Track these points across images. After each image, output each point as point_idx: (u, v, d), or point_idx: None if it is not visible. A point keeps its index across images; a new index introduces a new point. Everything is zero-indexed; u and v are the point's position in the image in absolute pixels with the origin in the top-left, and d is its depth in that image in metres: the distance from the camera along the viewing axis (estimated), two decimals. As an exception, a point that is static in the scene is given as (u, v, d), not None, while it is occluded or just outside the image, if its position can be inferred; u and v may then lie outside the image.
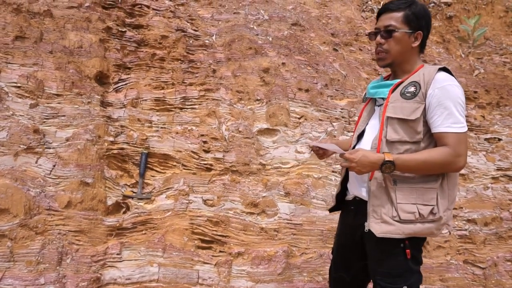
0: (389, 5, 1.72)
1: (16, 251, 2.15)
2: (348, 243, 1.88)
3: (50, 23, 2.96)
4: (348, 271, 1.90)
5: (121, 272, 2.33)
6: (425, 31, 1.70)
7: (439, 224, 1.62)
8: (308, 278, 2.58)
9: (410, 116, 1.60)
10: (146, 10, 3.48)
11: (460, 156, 1.56)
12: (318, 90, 3.48)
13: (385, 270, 1.66)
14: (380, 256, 1.67)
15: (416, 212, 1.59)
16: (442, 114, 1.57)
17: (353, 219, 1.79)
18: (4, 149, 2.35)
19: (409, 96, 1.63)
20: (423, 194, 1.60)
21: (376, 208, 1.63)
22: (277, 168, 2.99)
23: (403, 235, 1.60)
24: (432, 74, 1.61)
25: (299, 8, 4.39)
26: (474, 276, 2.97)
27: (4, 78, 2.58)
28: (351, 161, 1.60)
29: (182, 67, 3.25)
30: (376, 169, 1.60)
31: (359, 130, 1.81)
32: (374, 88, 1.79)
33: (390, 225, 1.60)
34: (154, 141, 2.82)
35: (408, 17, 1.66)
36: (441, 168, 1.59)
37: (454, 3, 5.44)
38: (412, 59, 1.72)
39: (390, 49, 1.69)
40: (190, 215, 2.60)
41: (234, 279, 2.48)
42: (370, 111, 1.80)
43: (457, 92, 1.59)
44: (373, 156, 1.58)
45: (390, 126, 1.63)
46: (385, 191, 1.63)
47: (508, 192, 3.45)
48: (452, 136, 1.56)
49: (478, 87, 4.20)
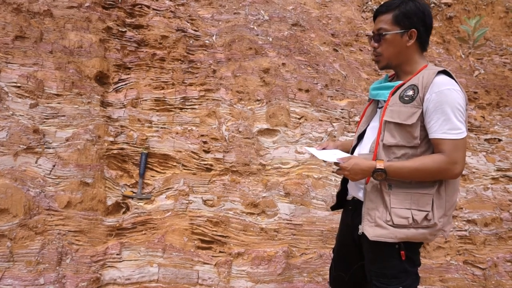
0: (380, 8, 1.71)
1: (15, 251, 2.15)
2: (347, 242, 1.90)
3: (50, 23, 2.96)
4: (347, 270, 1.92)
5: (121, 272, 2.33)
6: (421, 28, 1.64)
7: (433, 230, 1.60)
8: (308, 279, 2.58)
9: (407, 121, 1.57)
10: (146, 10, 3.48)
11: (455, 163, 1.53)
12: (318, 91, 3.48)
13: (380, 271, 1.67)
14: (375, 257, 1.69)
15: (409, 217, 1.58)
16: (438, 119, 1.53)
17: (351, 219, 1.82)
18: (4, 149, 2.35)
19: (407, 100, 1.60)
20: (418, 200, 1.59)
21: (371, 211, 1.64)
22: (277, 169, 2.99)
23: (396, 239, 1.60)
24: (431, 77, 1.57)
25: (299, 9, 4.39)
26: (474, 277, 2.97)
27: (4, 78, 2.58)
28: (344, 169, 1.62)
29: (182, 67, 3.24)
30: (368, 176, 1.61)
31: (359, 131, 1.81)
32: (376, 90, 1.78)
33: (383, 228, 1.60)
34: (154, 141, 2.82)
35: (397, 17, 1.64)
36: (436, 175, 1.57)
37: (454, 3, 5.44)
38: (411, 58, 1.68)
39: (383, 52, 1.68)
40: (190, 215, 2.60)
41: (234, 279, 2.48)
42: (372, 112, 1.80)
43: (456, 97, 1.54)
44: (364, 164, 1.59)
45: (387, 130, 1.62)
46: (380, 195, 1.63)
47: (508, 193, 3.45)
48: (448, 143, 1.53)
49: (478, 88, 4.20)
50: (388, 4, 1.68)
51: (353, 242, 1.81)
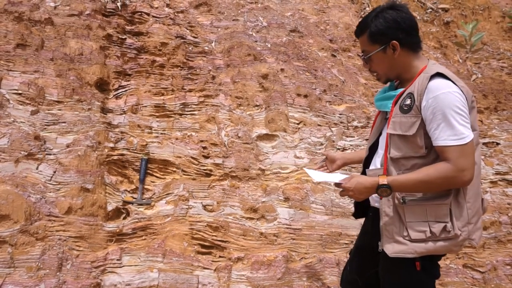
0: (356, 31, 1.70)
1: (16, 257, 2.16)
2: (365, 247, 1.86)
3: (51, 31, 3.00)
4: (362, 274, 1.88)
5: (121, 278, 2.34)
6: (401, 35, 1.57)
7: (456, 241, 1.52)
8: (307, 283, 2.59)
9: (408, 131, 1.52)
10: (146, 17, 3.51)
11: (463, 170, 1.43)
12: (316, 96, 3.51)
13: (395, 280, 1.64)
14: (390, 266, 1.64)
15: (427, 230, 1.51)
16: (439, 126, 1.45)
17: (371, 225, 1.78)
18: (5, 155, 2.37)
19: (405, 109, 1.54)
20: (434, 211, 1.51)
21: (388, 226, 1.59)
22: (276, 173, 3.01)
23: (416, 254, 1.53)
24: (425, 83, 1.50)
25: (297, 15, 4.43)
26: (474, 280, 2.97)
27: (5, 85, 2.61)
28: (347, 190, 1.57)
29: (181, 73, 3.27)
30: (373, 193, 1.56)
31: (370, 142, 1.78)
32: (379, 101, 1.74)
33: (402, 244, 1.55)
34: (154, 147, 2.84)
35: (372, 36, 1.60)
36: (443, 185, 1.48)
37: (451, 8, 5.49)
38: (406, 66, 1.62)
39: (377, 70, 1.67)
40: (190, 220, 2.61)
41: (233, 284, 2.48)
42: (380, 124, 1.76)
43: (453, 100, 1.45)
44: (367, 182, 1.55)
45: (392, 143, 1.57)
46: (395, 209, 1.58)
47: (507, 196, 3.46)
48: (452, 150, 1.44)
49: (476, 92, 4.23)
50: (360, 26, 1.66)
51: (371, 247, 1.75)
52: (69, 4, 3.18)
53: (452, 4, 5.54)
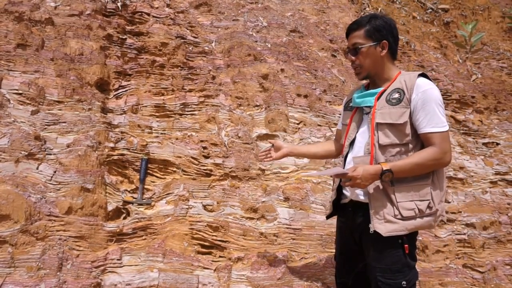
0: (352, 25, 1.88)
1: (16, 256, 2.16)
2: (347, 247, 1.99)
3: (51, 31, 3.00)
4: (349, 274, 2.01)
5: (121, 278, 2.34)
6: (391, 39, 1.84)
7: (436, 216, 1.77)
8: (307, 283, 2.59)
9: (399, 120, 1.73)
10: (146, 17, 3.52)
11: (446, 152, 1.71)
12: (316, 96, 3.51)
13: (385, 266, 1.76)
14: (380, 253, 1.77)
15: (415, 208, 1.72)
16: (426, 116, 1.71)
17: (351, 220, 1.91)
18: (6, 155, 2.37)
19: (394, 102, 1.77)
20: (418, 191, 1.73)
21: (378, 209, 1.75)
22: (276, 173, 3.01)
23: (407, 231, 1.72)
24: (413, 80, 1.75)
25: (297, 15, 4.43)
26: (474, 280, 2.97)
27: (5, 85, 2.61)
28: (355, 179, 1.71)
29: (182, 73, 3.28)
30: (377, 179, 1.72)
31: (350, 138, 1.92)
32: (360, 98, 1.91)
33: (394, 223, 1.72)
34: (154, 147, 2.84)
35: (369, 31, 1.82)
36: (432, 166, 1.73)
37: (451, 9, 5.50)
38: (386, 66, 1.86)
39: (362, 64, 1.84)
40: (190, 220, 2.61)
41: (234, 284, 2.49)
42: (358, 120, 1.92)
43: (437, 95, 1.74)
44: (372, 169, 1.71)
45: (381, 132, 1.76)
46: (384, 192, 1.76)
47: (507, 196, 3.46)
48: (437, 136, 1.70)
49: (475, 92, 4.23)
50: (358, 22, 1.87)
51: (354, 243, 1.92)
52: (69, 4, 3.18)
53: (452, 4, 5.55)
